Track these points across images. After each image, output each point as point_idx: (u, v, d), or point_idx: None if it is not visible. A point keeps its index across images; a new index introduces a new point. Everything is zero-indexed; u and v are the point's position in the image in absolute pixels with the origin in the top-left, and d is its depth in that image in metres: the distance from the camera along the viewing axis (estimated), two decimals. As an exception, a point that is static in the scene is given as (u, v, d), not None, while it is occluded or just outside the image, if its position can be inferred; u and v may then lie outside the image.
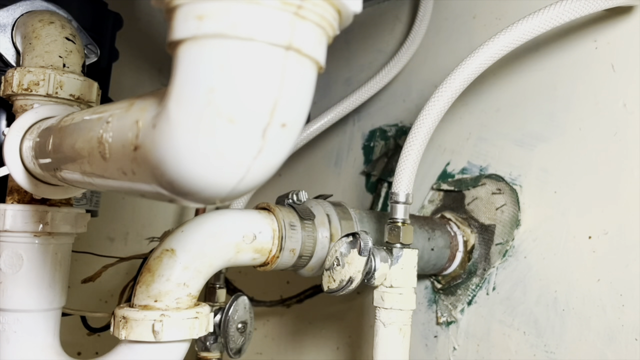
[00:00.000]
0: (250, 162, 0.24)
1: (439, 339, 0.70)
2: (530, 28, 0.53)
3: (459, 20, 0.77)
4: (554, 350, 0.59)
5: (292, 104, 0.24)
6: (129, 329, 0.45)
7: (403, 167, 0.54)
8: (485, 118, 0.71)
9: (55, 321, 0.53)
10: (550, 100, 0.64)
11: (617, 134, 0.57)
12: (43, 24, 0.55)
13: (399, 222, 0.53)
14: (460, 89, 0.54)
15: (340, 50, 0.95)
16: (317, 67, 0.26)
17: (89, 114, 0.36)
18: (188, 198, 0.26)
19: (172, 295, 0.46)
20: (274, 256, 0.53)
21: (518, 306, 0.62)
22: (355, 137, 0.91)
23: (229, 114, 0.23)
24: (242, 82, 0.23)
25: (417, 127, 0.54)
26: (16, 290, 0.50)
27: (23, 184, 0.47)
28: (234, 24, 0.23)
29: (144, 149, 0.26)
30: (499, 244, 0.65)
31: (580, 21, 0.61)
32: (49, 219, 0.50)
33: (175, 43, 0.24)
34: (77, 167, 0.36)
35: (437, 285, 0.71)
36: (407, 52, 0.78)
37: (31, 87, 0.50)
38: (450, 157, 0.74)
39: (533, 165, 0.64)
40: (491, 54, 0.54)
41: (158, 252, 0.48)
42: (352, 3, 0.26)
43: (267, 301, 0.94)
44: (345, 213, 0.59)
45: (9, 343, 0.50)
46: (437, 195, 0.74)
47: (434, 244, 0.65)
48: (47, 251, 0.51)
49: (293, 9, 0.23)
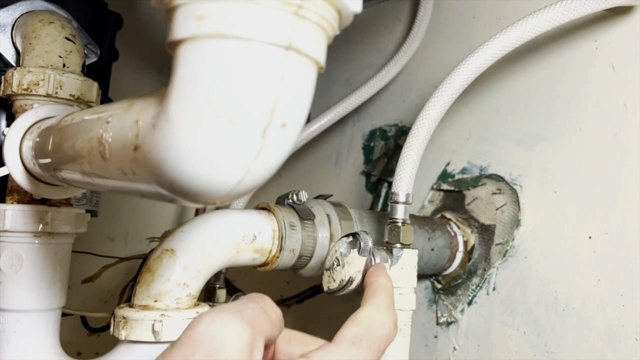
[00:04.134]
0: (250, 162, 0.24)
1: (439, 339, 0.70)
2: (530, 28, 0.53)
3: (459, 20, 0.77)
4: (554, 350, 0.59)
5: (292, 103, 0.24)
6: (129, 329, 0.45)
7: (403, 167, 0.54)
8: (485, 118, 0.70)
9: (55, 321, 0.53)
10: (551, 100, 0.64)
11: (617, 134, 0.57)
12: (43, 24, 0.55)
13: (399, 222, 0.53)
14: (460, 89, 0.54)
15: (340, 50, 0.95)
16: (317, 67, 0.26)
17: (89, 114, 0.36)
18: (188, 198, 0.26)
19: (172, 295, 0.46)
20: (274, 256, 0.53)
21: (518, 306, 0.62)
22: (355, 137, 0.91)
23: (229, 113, 0.23)
24: (242, 82, 0.23)
25: (417, 127, 0.54)
26: (16, 291, 0.50)
27: (23, 184, 0.47)
28: (234, 24, 0.22)
29: (144, 149, 0.26)
30: (499, 244, 0.65)
31: (580, 21, 0.61)
32: (49, 219, 0.50)
33: (175, 43, 0.24)
34: (77, 167, 0.36)
35: (437, 285, 0.71)
36: (407, 52, 0.78)
37: (31, 87, 0.50)
38: (451, 157, 0.74)
39: (533, 165, 0.64)
40: (491, 54, 0.54)
41: (158, 252, 0.48)
42: (352, 3, 0.26)
43: (267, 301, 0.93)
44: (345, 213, 0.59)
45: (8, 343, 0.50)
46: (437, 195, 0.74)
47: (434, 244, 0.65)
48: (47, 251, 0.51)
49: (293, 8, 0.23)
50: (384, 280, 0.44)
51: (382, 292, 0.41)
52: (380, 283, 0.43)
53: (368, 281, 0.45)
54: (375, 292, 0.42)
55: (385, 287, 0.43)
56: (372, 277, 0.45)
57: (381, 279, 0.44)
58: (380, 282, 0.43)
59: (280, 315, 0.34)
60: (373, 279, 0.44)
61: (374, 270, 0.47)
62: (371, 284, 0.44)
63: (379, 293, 0.41)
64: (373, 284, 0.43)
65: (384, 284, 0.43)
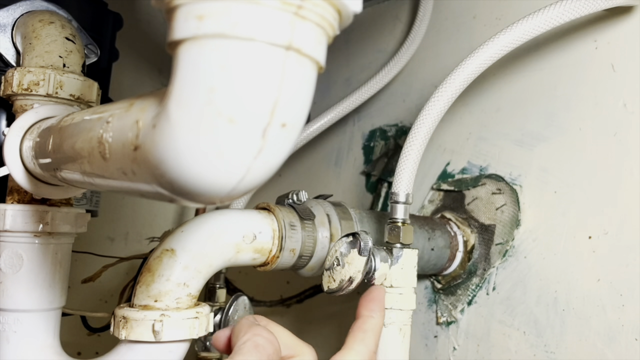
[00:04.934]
0: (250, 162, 0.24)
1: (439, 339, 0.70)
2: (530, 28, 0.53)
3: (459, 20, 0.77)
4: (554, 350, 0.59)
5: (292, 103, 0.24)
6: (129, 329, 0.45)
7: (403, 167, 0.54)
8: (485, 118, 0.71)
9: (55, 321, 0.53)
10: (551, 100, 0.64)
11: (617, 134, 0.57)
12: (43, 24, 0.55)
13: (399, 222, 0.53)
14: (460, 89, 0.54)
15: (340, 50, 0.95)
16: (317, 67, 0.26)
17: (89, 114, 0.36)
18: (188, 198, 0.26)
19: (172, 295, 0.46)
20: (274, 256, 0.53)
21: (518, 306, 0.62)
22: (355, 137, 0.91)
23: (229, 113, 0.23)
24: (242, 82, 0.23)
25: (417, 127, 0.54)
26: (16, 290, 0.50)
27: (23, 184, 0.47)
28: (234, 24, 0.23)
29: (144, 149, 0.26)
30: (499, 244, 0.65)
31: (580, 21, 0.61)
32: (49, 219, 0.50)
33: (176, 43, 0.24)
34: (77, 167, 0.36)
35: (437, 285, 0.71)
36: (407, 52, 0.78)
37: (31, 87, 0.50)
38: (450, 157, 0.74)
39: (533, 165, 0.64)
40: (491, 53, 0.54)
41: (158, 252, 0.48)
42: (352, 3, 0.26)
43: (267, 301, 0.94)
44: (345, 213, 0.59)
45: (8, 343, 0.50)
46: (437, 195, 0.74)
47: (434, 244, 0.65)
48: (47, 251, 0.51)
49: (293, 9, 0.23)
50: (375, 321, 0.44)
51: (370, 337, 0.42)
52: (372, 323, 0.44)
53: (361, 312, 0.45)
54: (365, 334, 0.42)
55: (375, 329, 0.43)
56: (366, 310, 0.45)
57: (374, 318, 0.44)
58: (372, 323, 0.44)
59: (276, 345, 0.37)
60: (366, 313, 0.45)
61: (371, 301, 0.46)
62: (362, 320, 0.44)
63: (367, 337, 0.42)
64: (365, 321, 0.44)
65: (374, 326, 0.43)
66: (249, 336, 0.37)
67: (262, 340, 0.37)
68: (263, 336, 0.37)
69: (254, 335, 0.37)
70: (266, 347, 0.37)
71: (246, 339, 0.37)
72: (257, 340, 0.37)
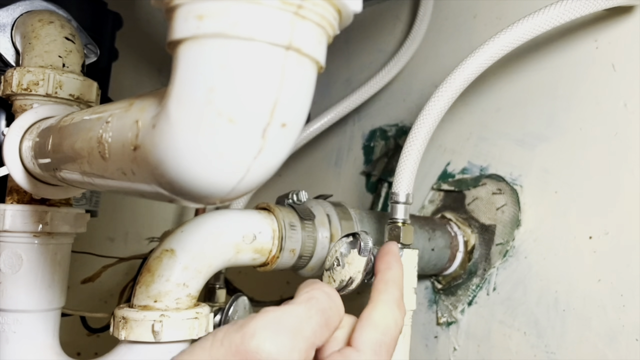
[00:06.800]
0: (250, 162, 0.24)
1: (440, 340, 0.70)
2: (531, 28, 0.53)
3: (459, 20, 0.77)
4: (555, 350, 0.59)
5: (292, 103, 0.24)
6: (128, 329, 0.44)
7: (403, 167, 0.54)
8: (485, 118, 0.70)
9: (55, 321, 0.53)
10: (551, 100, 0.64)
11: (618, 134, 0.57)
12: (42, 23, 0.55)
13: (399, 222, 0.53)
14: (460, 89, 0.54)
15: (340, 50, 0.95)
16: (317, 67, 0.25)
17: (89, 114, 0.36)
18: (188, 198, 0.26)
19: (172, 295, 0.46)
20: (274, 256, 0.52)
21: (518, 306, 0.62)
22: (355, 137, 0.91)
23: (229, 113, 0.23)
24: (242, 82, 0.23)
25: (417, 127, 0.54)
26: (16, 291, 0.50)
27: (22, 184, 0.47)
28: (234, 24, 0.22)
29: (144, 149, 0.26)
30: (500, 244, 0.65)
31: (580, 21, 0.61)
32: (49, 219, 0.50)
33: (175, 43, 0.24)
34: (77, 167, 0.36)
35: (438, 285, 0.71)
36: (408, 51, 0.78)
37: (31, 87, 0.50)
38: (451, 157, 0.73)
39: (534, 166, 0.64)
40: (492, 53, 0.54)
41: (158, 252, 0.48)
42: (352, 3, 0.26)
43: (267, 301, 0.93)
44: (345, 213, 0.59)
45: (8, 343, 0.50)
46: (437, 195, 0.73)
47: (435, 244, 0.65)
48: (46, 251, 0.51)
49: (293, 8, 0.23)
50: (395, 272, 0.42)
51: (393, 286, 0.41)
52: (392, 274, 0.42)
53: (379, 267, 0.43)
54: (387, 285, 0.41)
55: (396, 279, 0.42)
56: (384, 264, 0.43)
57: (392, 269, 0.42)
58: (391, 273, 0.42)
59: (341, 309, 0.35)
60: (384, 266, 0.43)
61: (386, 254, 0.45)
62: (382, 273, 0.42)
63: (390, 287, 0.40)
64: (384, 274, 0.42)
65: (395, 276, 0.42)
66: (307, 289, 0.35)
67: (318, 294, 0.34)
68: (323, 290, 0.34)
69: (313, 289, 0.35)
70: (321, 299, 0.34)
71: (304, 292, 0.34)
72: (314, 293, 0.34)
